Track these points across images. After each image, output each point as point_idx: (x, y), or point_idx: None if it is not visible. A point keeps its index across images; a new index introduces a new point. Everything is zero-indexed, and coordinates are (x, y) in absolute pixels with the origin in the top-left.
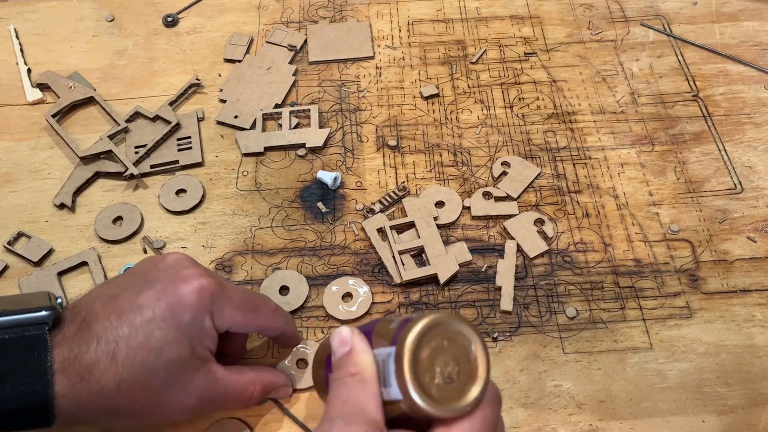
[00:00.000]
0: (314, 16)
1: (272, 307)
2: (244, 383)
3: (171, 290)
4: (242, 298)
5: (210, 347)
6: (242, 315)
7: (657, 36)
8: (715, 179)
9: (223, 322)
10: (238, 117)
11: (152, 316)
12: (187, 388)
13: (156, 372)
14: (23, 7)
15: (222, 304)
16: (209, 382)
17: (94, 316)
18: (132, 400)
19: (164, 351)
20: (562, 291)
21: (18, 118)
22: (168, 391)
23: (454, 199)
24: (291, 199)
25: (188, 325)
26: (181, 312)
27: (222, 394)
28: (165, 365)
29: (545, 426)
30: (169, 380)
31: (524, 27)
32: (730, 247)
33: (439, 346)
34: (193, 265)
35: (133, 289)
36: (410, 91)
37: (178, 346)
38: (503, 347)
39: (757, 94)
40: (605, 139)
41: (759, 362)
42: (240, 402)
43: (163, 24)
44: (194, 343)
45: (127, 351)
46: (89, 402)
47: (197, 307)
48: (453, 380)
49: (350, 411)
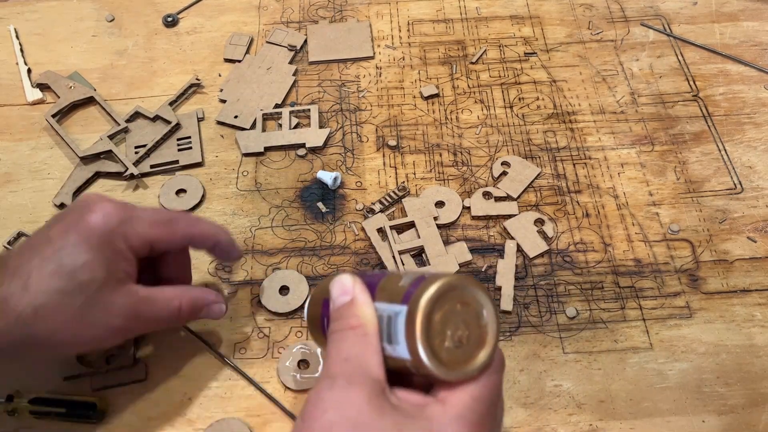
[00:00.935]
0: (314, 16)
1: (192, 217)
2: (167, 298)
3: (77, 219)
4: (155, 214)
5: (126, 269)
6: (159, 228)
7: (657, 36)
8: (715, 179)
9: (139, 239)
10: (238, 117)
11: (62, 245)
12: (110, 309)
13: (72, 295)
14: (23, 7)
15: (132, 223)
16: (132, 302)
17: (9, 257)
18: (52, 326)
19: (77, 274)
20: (562, 291)
21: (18, 118)
22: (89, 313)
23: (454, 199)
24: (291, 199)
25: (99, 247)
26: (90, 236)
27: (148, 312)
28: (80, 288)
29: (545, 426)
30: (88, 303)
31: (524, 27)
32: (730, 247)
33: (452, 309)
34: (101, 197)
35: (45, 228)
36: (410, 91)
37: (90, 268)
38: (503, 347)
39: (757, 94)
40: (605, 139)
41: (759, 362)
42: (169, 318)
43: (163, 24)
44: (110, 266)
45: (39, 279)
46: (9, 333)
47: (104, 229)
48: (462, 344)
49: (352, 369)
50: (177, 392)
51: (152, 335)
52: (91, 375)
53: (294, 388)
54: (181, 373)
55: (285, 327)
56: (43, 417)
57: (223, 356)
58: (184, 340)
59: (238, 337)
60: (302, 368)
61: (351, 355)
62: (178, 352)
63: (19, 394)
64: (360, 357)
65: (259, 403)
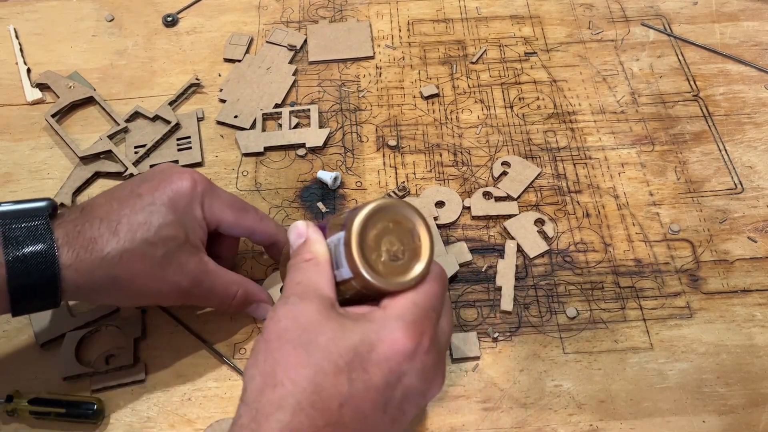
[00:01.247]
0: (314, 16)
1: (261, 213)
2: (230, 281)
3: (168, 181)
4: (232, 198)
5: (201, 237)
6: (231, 212)
7: (657, 36)
8: (715, 179)
9: (213, 215)
10: (238, 117)
11: (151, 201)
12: (182, 269)
13: (155, 246)
14: (23, 7)
15: (212, 198)
16: (201, 270)
17: (96, 205)
18: (133, 271)
19: (162, 230)
20: (563, 291)
21: (18, 118)
22: (165, 267)
23: (454, 199)
24: (291, 199)
25: (183, 211)
26: (177, 199)
27: (211, 285)
28: (162, 241)
29: (545, 426)
30: (166, 257)
31: (524, 27)
32: (730, 247)
33: (385, 228)
34: (183, 168)
35: (132, 185)
36: (410, 91)
37: (174, 227)
38: (503, 347)
39: (758, 94)
40: (605, 139)
41: (759, 362)
42: (223, 299)
43: (163, 24)
44: (188, 230)
45: (128, 226)
46: (93, 272)
47: (191, 196)
48: (399, 258)
49: (303, 289)
50: (176, 392)
51: (152, 335)
52: (90, 375)
53: None
54: (181, 373)
55: None
56: (43, 417)
57: (222, 356)
58: (183, 340)
59: (238, 337)
60: None
61: (303, 279)
62: (178, 353)
63: (18, 394)
64: (311, 279)
65: None
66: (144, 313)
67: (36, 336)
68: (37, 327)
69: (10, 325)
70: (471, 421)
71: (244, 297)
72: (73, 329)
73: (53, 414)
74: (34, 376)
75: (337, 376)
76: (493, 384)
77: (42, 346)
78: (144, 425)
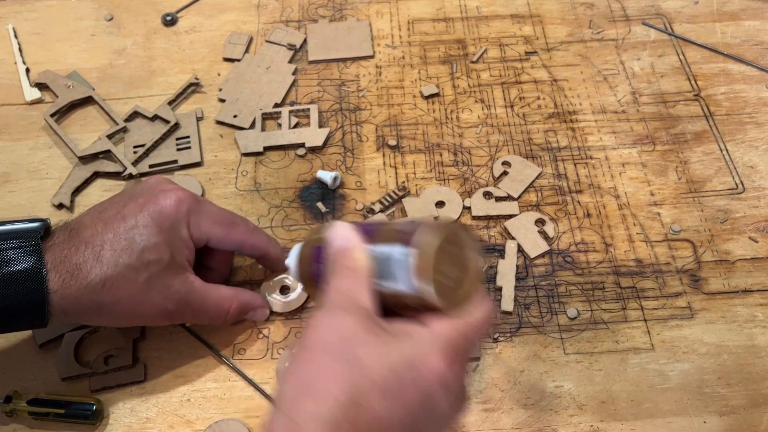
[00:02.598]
0: (314, 15)
1: (251, 226)
2: (221, 297)
3: (152, 201)
4: (219, 213)
5: (188, 257)
6: (219, 228)
7: (658, 35)
8: (716, 179)
9: (201, 233)
10: (238, 116)
11: (134, 224)
12: (167, 291)
13: (137, 271)
14: (22, 7)
15: (199, 216)
16: (188, 290)
17: (83, 226)
18: (117, 296)
19: (145, 253)
20: (563, 291)
21: (16, 118)
22: (149, 291)
23: (455, 199)
24: (290, 199)
25: (167, 231)
26: (161, 220)
27: (200, 304)
28: (145, 266)
29: (546, 427)
30: (150, 281)
31: (525, 26)
32: (731, 247)
33: (445, 250)
34: (172, 183)
35: (119, 204)
36: (410, 91)
37: (157, 250)
38: (504, 348)
39: (759, 94)
40: (606, 139)
41: (760, 363)
42: (217, 315)
43: (162, 23)
44: (173, 251)
45: (111, 252)
46: (78, 297)
47: (176, 216)
48: (454, 282)
49: (343, 298)
50: (176, 393)
51: (151, 336)
52: (89, 376)
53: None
54: (180, 373)
55: (284, 327)
56: (42, 418)
57: (222, 357)
58: (183, 340)
59: (238, 338)
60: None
61: (343, 288)
62: (177, 353)
63: (17, 395)
64: (352, 289)
65: (258, 404)
66: None
67: (35, 336)
68: None
69: None
70: (471, 421)
71: (238, 310)
72: (72, 330)
73: (52, 414)
74: (33, 377)
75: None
76: (494, 385)
77: (41, 347)
78: (143, 426)
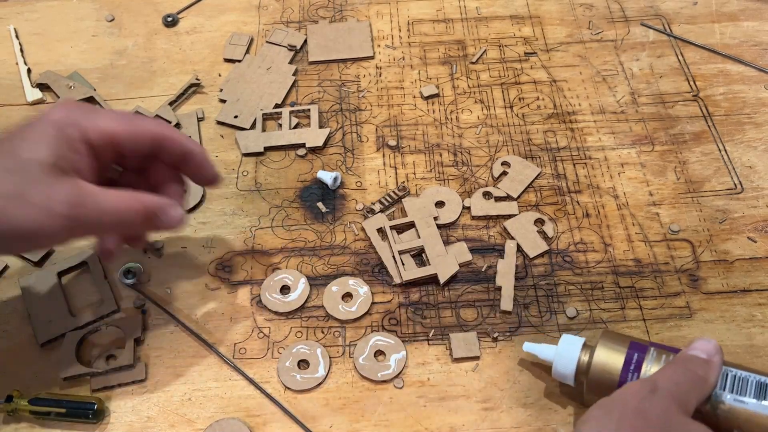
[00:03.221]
0: (314, 16)
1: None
2: (120, 200)
3: (38, 116)
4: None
5: (76, 162)
6: (121, 123)
7: (657, 36)
8: (715, 179)
9: (99, 132)
10: (238, 117)
11: (16, 132)
12: (51, 191)
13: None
14: (23, 7)
15: (93, 116)
16: (76, 192)
17: None
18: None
19: (18, 151)
20: (562, 291)
21: (18, 118)
22: (29, 190)
23: (454, 199)
24: (291, 199)
25: (51, 135)
26: (42, 125)
27: (94, 208)
28: (21, 164)
29: (546, 426)
30: (26, 179)
31: (524, 27)
32: (730, 247)
33: None
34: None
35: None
36: (410, 91)
37: (32, 148)
38: (503, 347)
39: (757, 94)
40: (605, 139)
41: (759, 362)
42: (118, 220)
43: (163, 24)
44: (57, 151)
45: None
46: None
47: (60, 121)
48: None
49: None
50: (177, 392)
51: (151, 335)
52: (90, 375)
53: (294, 388)
54: (181, 373)
55: (285, 327)
56: (43, 417)
57: (223, 356)
58: (184, 340)
59: (238, 337)
60: (302, 368)
61: (681, 382)
62: (178, 353)
63: (18, 395)
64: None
65: (258, 403)
66: (144, 313)
67: (36, 336)
68: (37, 327)
69: (10, 325)
70: (471, 420)
71: (144, 213)
72: (73, 329)
73: (53, 414)
74: (34, 376)
75: None
76: (493, 384)
77: (42, 346)
78: (144, 425)
